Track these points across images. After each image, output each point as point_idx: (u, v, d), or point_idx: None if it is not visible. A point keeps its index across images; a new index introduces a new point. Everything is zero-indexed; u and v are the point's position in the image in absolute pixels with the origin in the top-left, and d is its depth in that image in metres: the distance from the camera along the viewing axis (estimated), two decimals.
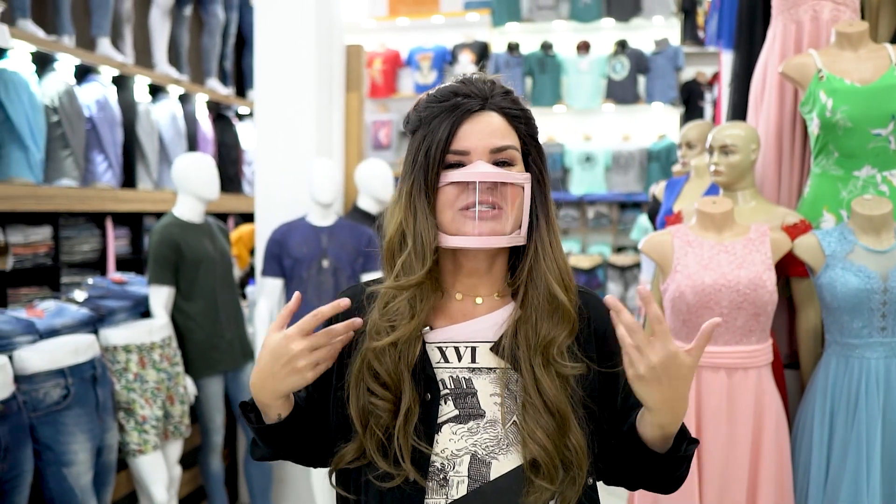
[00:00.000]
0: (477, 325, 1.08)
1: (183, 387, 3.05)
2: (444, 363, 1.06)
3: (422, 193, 1.03)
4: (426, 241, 1.03)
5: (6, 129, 3.61)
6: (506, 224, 1.03)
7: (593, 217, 7.28)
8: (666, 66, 6.87)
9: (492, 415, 1.04)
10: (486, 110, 1.05)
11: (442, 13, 7.58)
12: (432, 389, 1.04)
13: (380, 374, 1.02)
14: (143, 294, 3.15)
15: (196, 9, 5.61)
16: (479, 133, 1.03)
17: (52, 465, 2.41)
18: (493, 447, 1.03)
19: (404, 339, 1.03)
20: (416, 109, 1.08)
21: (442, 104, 1.04)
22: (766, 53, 2.69)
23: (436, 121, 1.04)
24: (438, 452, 1.02)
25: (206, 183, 3.23)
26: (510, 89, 1.09)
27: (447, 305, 1.10)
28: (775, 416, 2.14)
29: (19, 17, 3.87)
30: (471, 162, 1.03)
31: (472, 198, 1.01)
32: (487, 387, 1.05)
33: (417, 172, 1.04)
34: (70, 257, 4.10)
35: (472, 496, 1.01)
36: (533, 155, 1.09)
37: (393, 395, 1.02)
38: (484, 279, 1.10)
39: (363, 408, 1.03)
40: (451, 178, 1.02)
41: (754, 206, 2.44)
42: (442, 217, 1.04)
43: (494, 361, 1.06)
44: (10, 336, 2.48)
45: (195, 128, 5.19)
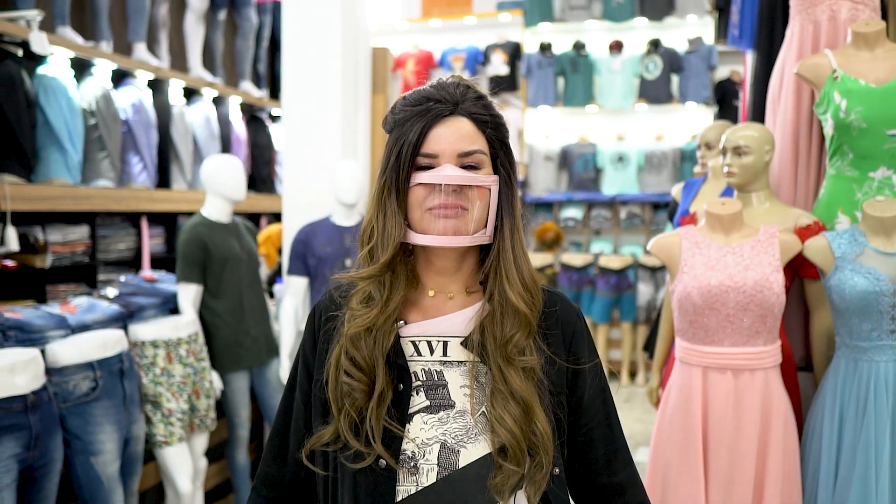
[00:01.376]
0: (449, 321, 1.13)
1: (209, 381, 3.15)
2: (416, 356, 1.11)
3: (392, 193, 1.09)
4: (391, 235, 1.08)
5: (46, 132, 3.76)
6: (469, 225, 1.08)
7: (626, 217, 7.24)
8: (699, 65, 6.80)
9: (461, 405, 1.09)
10: (456, 115, 1.09)
11: (474, 14, 7.62)
12: (405, 380, 1.09)
13: (356, 358, 1.08)
14: (173, 291, 3.26)
15: (230, 13, 5.75)
16: (448, 137, 1.08)
17: (81, 454, 2.51)
18: (463, 436, 1.07)
19: (378, 325, 1.08)
20: (393, 112, 1.13)
21: (414, 108, 1.09)
22: (783, 54, 2.67)
23: (408, 124, 1.09)
24: (410, 440, 1.07)
25: (234, 184, 3.32)
26: (483, 94, 1.13)
27: (421, 301, 1.15)
28: (783, 418, 2.13)
29: (59, 24, 4.03)
30: (439, 164, 1.08)
31: (438, 199, 1.07)
32: (458, 379, 1.10)
33: (389, 173, 1.09)
34: (106, 255, 4.25)
35: (441, 483, 1.05)
36: (501, 158, 1.13)
37: (368, 378, 1.08)
38: (454, 277, 1.15)
39: (339, 390, 1.09)
40: (419, 180, 1.08)
41: (768, 207, 2.43)
42: (412, 216, 1.09)
43: (464, 355, 1.11)
44: (42, 330, 2.59)
45: (229, 129, 5.32)
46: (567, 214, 7.43)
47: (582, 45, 7.13)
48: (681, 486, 2.16)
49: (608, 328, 6.64)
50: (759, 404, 2.10)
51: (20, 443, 2.24)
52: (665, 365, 2.65)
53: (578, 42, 7.14)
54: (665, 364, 2.65)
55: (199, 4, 5.10)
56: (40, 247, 3.76)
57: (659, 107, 7.08)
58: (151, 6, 4.78)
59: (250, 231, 3.55)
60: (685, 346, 2.22)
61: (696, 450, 2.13)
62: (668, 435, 2.22)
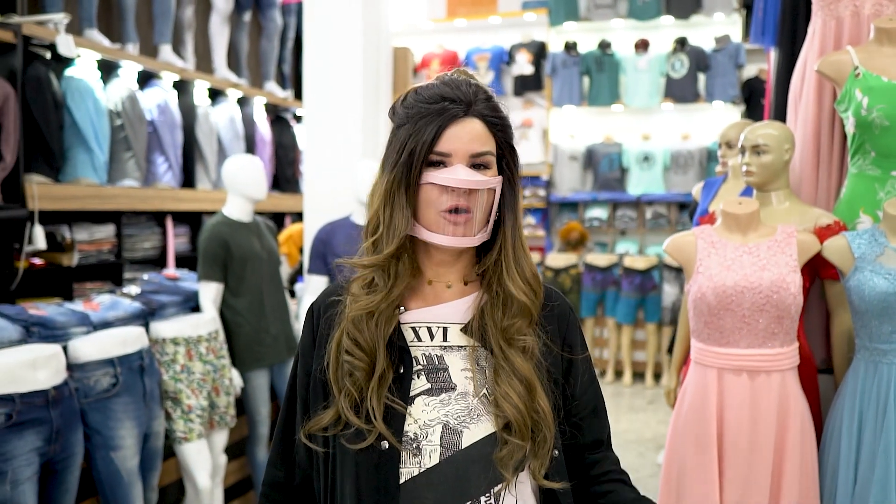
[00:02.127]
0: (448, 308, 1.16)
1: (229, 379, 3.18)
2: (417, 342, 1.14)
3: (402, 188, 1.11)
4: (397, 229, 1.11)
5: (73, 133, 3.83)
6: (474, 227, 1.11)
7: (651, 217, 7.19)
8: (727, 64, 6.73)
9: (462, 387, 1.11)
10: (470, 116, 1.11)
11: (499, 14, 7.61)
12: (406, 363, 1.11)
13: (358, 339, 1.10)
14: (194, 289, 3.30)
15: (255, 14, 5.81)
16: (461, 138, 1.10)
17: (101, 449, 2.56)
18: (465, 417, 1.09)
19: (380, 311, 1.11)
20: (404, 105, 1.15)
21: (430, 105, 1.11)
22: (805, 51, 2.63)
23: (422, 121, 1.10)
24: (412, 422, 1.09)
25: (255, 184, 3.36)
26: (491, 94, 1.15)
27: (421, 289, 1.18)
28: (800, 421, 2.09)
29: (86, 27, 4.10)
30: (451, 164, 1.10)
31: (451, 202, 1.10)
32: (458, 362, 1.12)
33: (400, 168, 1.11)
34: (132, 254, 4.31)
35: (444, 464, 1.06)
36: (507, 159, 1.16)
37: (368, 357, 1.10)
38: (452, 268, 1.18)
39: (340, 370, 1.11)
40: (432, 179, 1.10)
41: (788, 206, 2.39)
42: (424, 213, 1.11)
43: (464, 340, 1.14)
44: (65, 327, 2.64)
45: (253, 130, 5.38)
46: (592, 214, 7.39)
47: (607, 43, 7.09)
48: (696, 487, 2.13)
49: (633, 329, 6.58)
50: (775, 407, 2.07)
51: (41, 436, 2.29)
52: (683, 366, 2.62)
53: (604, 41, 7.10)
54: (683, 365, 2.63)
55: (224, 6, 5.16)
56: (67, 245, 3.83)
57: (685, 106, 7.01)
58: (177, 8, 4.85)
59: (271, 230, 3.58)
60: (700, 347, 2.20)
61: (711, 452, 2.11)
62: (682, 437, 2.20)
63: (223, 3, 5.15)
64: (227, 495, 3.41)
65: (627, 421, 5.43)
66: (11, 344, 2.41)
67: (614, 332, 6.63)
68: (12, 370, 2.24)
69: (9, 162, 3.37)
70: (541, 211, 7.63)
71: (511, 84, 7.58)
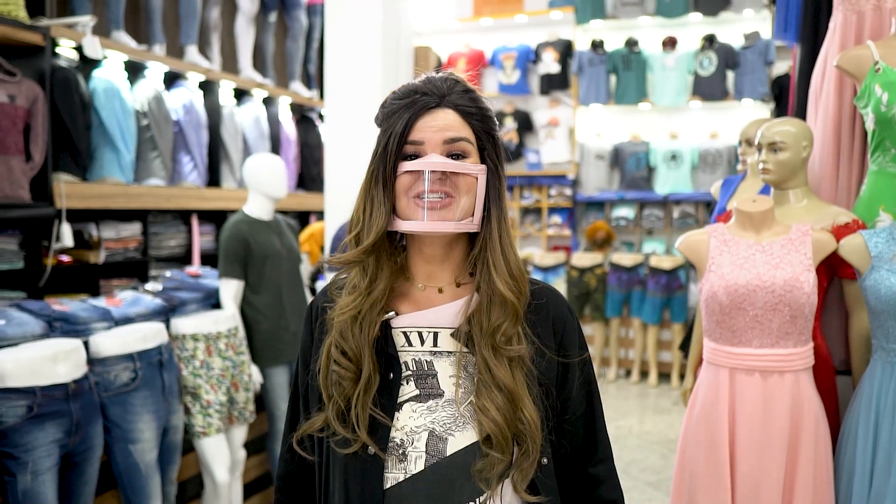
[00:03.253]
0: (439, 312, 1.14)
1: (248, 375, 3.22)
2: (407, 346, 1.13)
3: (379, 182, 1.10)
4: (375, 222, 1.10)
5: (100, 132, 3.91)
6: (455, 212, 1.09)
7: (678, 217, 7.12)
8: (756, 61, 6.63)
9: (450, 394, 1.10)
10: (442, 107, 1.11)
11: (526, 12, 7.59)
12: (394, 369, 1.11)
13: (344, 348, 1.10)
14: (215, 287, 3.35)
15: (280, 15, 5.86)
16: (433, 127, 1.10)
17: (120, 442, 2.61)
18: (451, 424, 1.09)
19: (364, 313, 1.10)
20: (383, 107, 1.16)
21: (402, 101, 1.11)
22: (826, 46, 2.59)
23: (395, 116, 1.11)
24: (399, 428, 1.09)
25: (275, 182, 3.40)
26: (471, 88, 1.14)
27: (412, 293, 1.17)
28: (814, 422, 2.06)
29: (114, 28, 4.18)
30: (425, 153, 1.10)
31: (423, 186, 1.08)
32: (447, 368, 1.12)
33: (377, 163, 1.11)
34: (158, 252, 4.38)
35: (429, 470, 1.07)
36: (488, 149, 1.14)
37: (355, 366, 1.10)
38: (442, 266, 1.16)
39: (329, 379, 1.12)
40: (405, 168, 1.09)
41: (806, 204, 2.35)
42: (399, 203, 1.11)
43: (454, 345, 1.12)
44: (87, 322, 2.70)
45: (278, 129, 5.43)
46: (619, 214, 7.34)
47: (634, 41, 7.03)
48: (707, 488, 2.11)
49: (658, 329, 6.52)
50: (787, 408, 2.04)
51: (61, 429, 2.34)
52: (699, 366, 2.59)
53: (631, 39, 7.05)
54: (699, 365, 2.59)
55: (249, 7, 5.22)
56: (94, 243, 3.91)
57: (714, 104, 6.93)
58: (203, 10, 4.91)
59: (292, 228, 3.62)
60: (712, 346, 2.17)
61: (723, 452, 2.08)
62: (694, 436, 2.17)
63: (249, 3, 5.21)
64: (246, 490, 3.45)
65: (652, 422, 5.39)
66: (34, 338, 2.47)
67: (640, 332, 6.57)
68: (33, 364, 2.29)
69: (37, 161, 3.45)
70: (567, 210, 7.59)
71: (537, 83, 7.55)
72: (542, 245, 7.65)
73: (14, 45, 3.44)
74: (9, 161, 3.29)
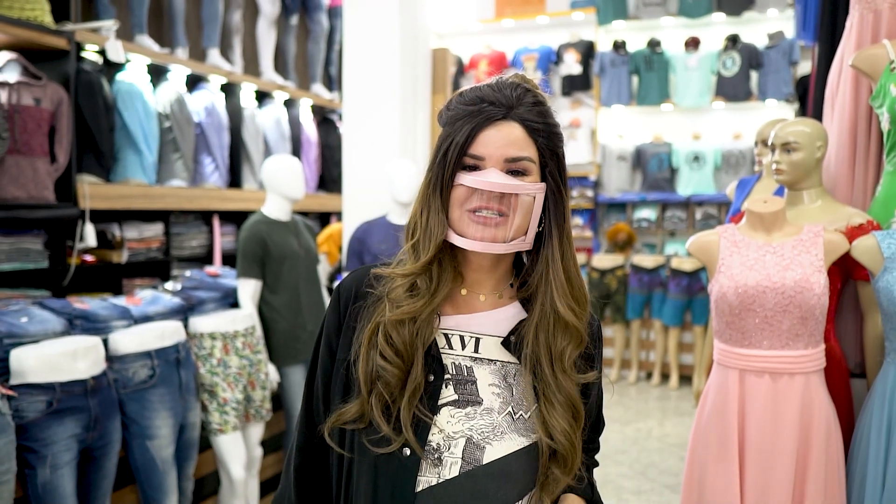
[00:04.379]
0: (482, 319, 1.14)
1: (265, 373, 3.26)
2: (448, 349, 1.12)
3: (437, 190, 1.09)
4: (434, 234, 1.09)
5: (123, 135, 3.99)
6: (507, 231, 1.08)
7: (701, 218, 7.06)
8: (780, 61, 6.55)
9: (489, 403, 1.09)
10: (509, 119, 1.08)
11: (547, 13, 7.58)
12: (437, 372, 1.10)
13: (395, 342, 1.08)
14: (233, 286, 3.39)
15: (302, 18, 5.92)
16: (496, 142, 1.07)
17: (138, 438, 2.66)
18: (489, 433, 1.08)
19: (423, 316, 1.09)
20: (448, 108, 1.13)
21: (468, 107, 1.08)
22: (842, 45, 2.56)
23: (458, 123, 1.08)
24: (436, 432, 1.08)
25: (293, 184, 3.43)
26: (541, 100, 1.11)
27: (455, 296, 1.16)
28: (825, 425, 2.04)
29: (137, 32, 4.26)
30: (485, 167, 1.07)
31: (478, 202, 1.07)
32: (487, 377, 1.11)
33: (436, 169, 1.10)
34: (180, 252, 4.45)
35: (463, 477, 1.06)
36: (550, 167, 1.11)
37: (405, 364, 1.08)
38: (488, 275, 1.15)
39: (372, 371, 1.09)
40: (462, 181, 1.07)
41: (820, 205, 2.33)
42: (452, 214, 1.09)
43: (496, 354, 1.12)
44: (107, 320, 2.76)
45: (299, 131, 5.48)
46: (640, 215, 7.29)
47: (657, 42, 6.99)
48: (717, 489, 2.10)
49: (679, 331, 6.47)
50: (797, 410, 2.02)
51: (80, 424, 2.39)
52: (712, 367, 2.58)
53: (653, 39, 7.00)
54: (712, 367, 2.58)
55: (271, 10, 5.28)
56: (117, 243, 3.98)
57: (737, 104, 6.86)
58: (225, 13, 4.98)
59: (309, 229, 3.66)
60: (722, 347, 2.16)
61: (732, 454, 2.07)
62: (704, 438, 2.17)
63: (270, 6, 5.27)
64: (263, 488, 3.49)
65: (672, 425, 5.35)
66: (55, 335, 2.53)
67: (661, 334, 6.53)
68: (53, 360, 2.35)
69: (62, 163, 3.53)
70: (588, 211, 7.56)
71: (559, 84, 7.53)
72: None
73: (40, 49, 3.52)
74: (34, 163, 3.37)
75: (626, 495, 3.99)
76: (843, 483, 2.07)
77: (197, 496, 3.11)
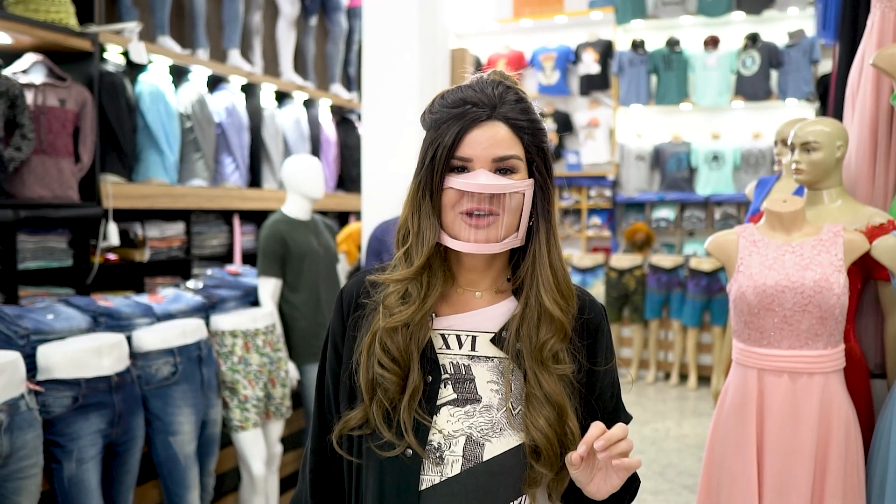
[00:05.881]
0: (477, 316, 1.15)
1: (285, 371, 3.29)
2: (445, 349, 1.14)
3: (426, 194, 1.10)
4: (426, 239, 1.10)
5: (145, 135, 4.04)
6: (499, 231, 1.09)
7: (720, 218, 7.02)
8: (801, 60, 6.51)
9: (487, 400, 1.11)
10: (493, 120, 1.09)
11: (566, 13, 7.58)
12: (434, 373, 1.12)
13: (391, 350, 1.09)
14: (254, 285, 3.43)
15: (321, 18, 5.96)
16: (483, 142, 1.08)
17: (161, 434, 2.70)
18: (488, 430, 1.10)
19: (415, 321, 1.11)
20: (431, 111, 1.14)
21: (452, 109, 1.09)
22: (863, 44, 2.55)
23: (444, 126, 1.09)
24: (437, 431, 1.10)
25: (312, 183, 3.46)
26: (523, 97, 1.12)
27: (450, 296, 1.17)
28: (845, 425, 2.03)
29: (159, 34, 4.31)
30: (474, 169, 1.08)
31: (469, 204, 1.08)
32: (485, 374, 1.12)
33: (424, 174, 1.10)
34: (200, 251, 4.50)
35: (465, 475, 1.08)
36: (537, 163, 1.12)
37: (402, 370, 1.10)
38: (483, 274, 1.17)
39: (372, 379, 1.12)
40: (451, 185, 1.08)
41: (840, 205, 2.32)
42: (444, 217, 1.11)
43: (493, 351, 1.13)
44: (130, 318, 2.80)
45: (318, 131, 5.52)
46: (659, 215, 7.27)
47: (676, 41, 6.96)
48: (734, 489, 2.10)
49: (699, 332, 6.44)
50: (816, 410, 2.02)
51: (105, 419, 2.44)
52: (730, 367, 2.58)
53: (672, 38, 6.98)
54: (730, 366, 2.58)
55: (290, 11, 5.32)
56: (139, 242, 4.04)
57: (757, 104, 6.82)
58: (245, 14, 5.03)
59: (329, 228, 3.69)
60: (741, 347, 2.16)
61: (750, 454, 2.07)
62: (722, 437, 2.17)
63: (290, 8, 5.31)
64: (283, 485, 3.52)
65: (690, 425, 5.33)
66: (80, 332, 2.58)
67: (679, 334, 6.50)
68: (79, 356, 2.39)
69: (86, 163, 3.58)
70: (607, 211, 7.55)
71: (577, 83, 7.53)
72: (581, 246, 7.62)
73: (65, 51, 3.58)
74: (59, 162, 3.42)
75: (643, 495, 3.99)
76: (862, 484, 2.07)
77: (218, 492, 3.15)
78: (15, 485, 2.12)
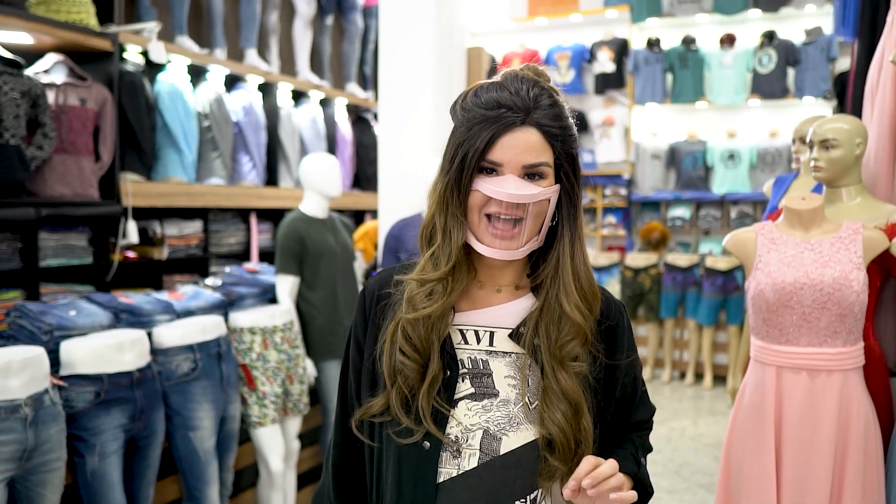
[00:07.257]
0: (496, 312, 1.17)
1: (302, 368, 3.32)
2: (464, 344, 1.16)
3: (454, 193, 1.11)
4: (454, 240, 1.11)
5: (164, 134, 4.07)
6: (522, 237, 1.11)
7: (736, 217, 6.99)
8: (818, 58, 6.46)
9: (505, 395, 1.13)
10: (526, 125, 1.09)
11: (581, 11, 7.56)
12: (452, 367, 1.14)
13: (412, 338, 1.12)
14: (272, 282, 3.46)
15: (337, 18, 5.99)
16: (514, 148, 1.09)
17: (181, 429, 2.73)
18: (505, 424, 1.12)
19: (437, 314, 1.12)
20: (463, 106, 1.13)
21: (486, 112, 1.09)
22: (883, 40, 2.54)
23: (476, 127, 1.09)
24: (454, 425, 1.12)
25: (330, 181, 3.48)
26: (557, 101, 1.12)
27: (470, 291, 1.19)
28: (864, 423, 2.03)
29: (177, 34, 4.35)
30: (503, 173, 1.09)
31: (495, 208, 1.09)
32: (502, 369, 1.14)
33: (453, 173, 1.11)
34: (218, 249, 4.54)
35: (482, 468, 1.10)
36: (565, 168, 1.13)
37: (422, 358, 1.12)
38: (503, 272, 1.18)
39: (394, 366, 1.14)
40: (480, 188, 1.10)
41: (860, 202, 2.31)
42: (470, 217, 1.12)
43: (510, 347, 1.15)
44: (151, 314, 2.84)
45: (334, 130, 5.55)
46: (675, 214, 7.25)
47: (692, 39, 6.94)
48: (752, 486, 2.10)
49: (714, 331, 6.42)
50: (835, 407, 2.01)
51: (126, 414, 2.47)
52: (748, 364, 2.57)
53: (688, 36, 6.95)
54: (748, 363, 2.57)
55: (307, 10, 5.35)
56: (158, 240, 4.07)
57: (773, 102, 6.78)
58: (262, 14, 5.06)
59: (346, 226, 3.71)
60: (759, 344, 2.16)
61: (769, 451, 2.07)
62: (740, 435, 2.17)
63: (306, 7, 5.34)
64: (300, 480, 3.55)
65: (706, 424, 5.32)
66: (102, 328, 2.61)
67: (695, 333, 6.48)
68: (101, 352, 2.43)
69: (106, 161, 3.62)
70: (622, 210, 7.54)
71: (592, 82, 7.52)
72: (596, 245, 7.61)
73: (85, 51, 3.61)
74: (80, 161, 3.46)
75: (659, 494, 3.98)
76: (881, 482, 2.06)
77: (236, 487, 3.18)
78: (39, 478, 2.16)
